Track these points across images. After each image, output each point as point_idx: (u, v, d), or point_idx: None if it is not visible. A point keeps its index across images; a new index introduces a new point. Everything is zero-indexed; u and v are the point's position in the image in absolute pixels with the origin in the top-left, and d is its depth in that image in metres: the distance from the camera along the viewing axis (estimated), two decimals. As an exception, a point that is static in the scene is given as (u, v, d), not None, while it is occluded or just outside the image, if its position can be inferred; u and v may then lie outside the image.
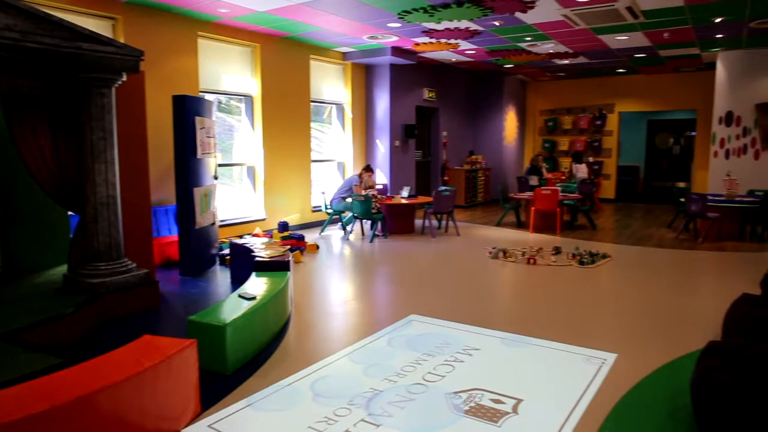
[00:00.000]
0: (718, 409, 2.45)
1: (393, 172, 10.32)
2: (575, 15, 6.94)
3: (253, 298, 3.78)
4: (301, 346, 3.83)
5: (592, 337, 3.96)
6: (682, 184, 14.36)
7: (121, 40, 5.66)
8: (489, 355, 3.58)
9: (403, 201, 8.39)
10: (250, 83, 8.00)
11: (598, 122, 13.11)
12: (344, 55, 9.66)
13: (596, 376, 3.26)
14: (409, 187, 8.81)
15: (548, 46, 9.08)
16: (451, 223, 8.69)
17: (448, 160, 12.10)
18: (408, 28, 7.71)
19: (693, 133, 13.28)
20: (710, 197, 8.17)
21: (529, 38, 8.43)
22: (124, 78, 4.39)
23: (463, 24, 7.46)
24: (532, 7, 6.60)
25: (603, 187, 12.98)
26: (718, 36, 8.30)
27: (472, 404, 2.89)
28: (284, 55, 8.40)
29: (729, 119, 9.93)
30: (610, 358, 3.54)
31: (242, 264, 5.26)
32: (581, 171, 11.18)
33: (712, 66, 10.64)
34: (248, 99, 8.04)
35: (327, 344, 3.86)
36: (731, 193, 8.35)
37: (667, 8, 6.65)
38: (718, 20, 7.26)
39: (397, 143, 10.37)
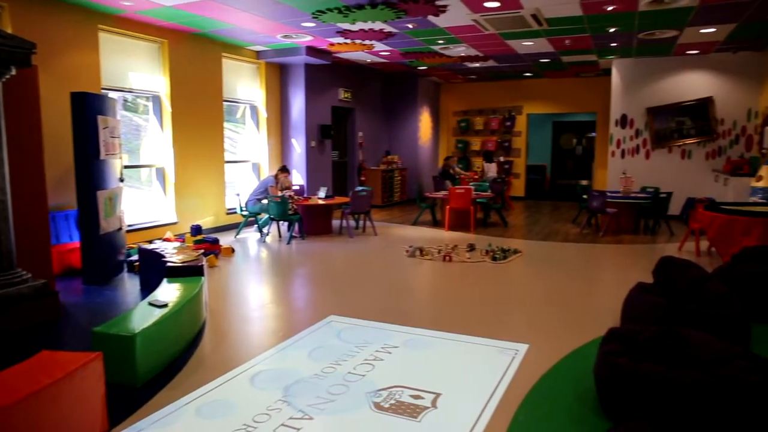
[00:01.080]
0: (618, 390, 2.63)
1: (309, 173, 10.24)
2: (484, 20, 7.20)
3: (165, 306, 3.61)
4: (216, 354, 3.71)
5: (505, 330, 4.13)
6: (584, 182, 15.30)
7: (9, 31, 5.22)
8: (408, 352, 3.64)
9: (320, 202, 8.34)
10: (158, 81, 7.64)
11: (508, 123, 13.69)
12: (258, 54, 9.46)
13: (510, 366, 3.40)
14: (325, 188, 8.78)
15: (460, 50, 9.37)
16: (368, 222, 8.75)
17: (365, 160, 12.18)
18: (322, 28, 7.68)
19: (593, 134, 14.18)
20: (609, 194, 8.76)
21: (441, 41, 8.66)
22: (13, 72, 4.05)
23: (378, 25, 7.54)
24: (444, 11, 6.78)
25: (513, 186, 13.57)
26: (612, 45, 8.91)
27: (393, 401, 2.92)
28: (194, 52, 8.10)
29: (624, 122, 10.70)
30: (522, 348, 3.70)
31: (152, 270, 5.01)
32: (492, 170, 11.61)
33: (608, 72, 11.42)
34: (156, 97, 7.68)
35: (244, 350, 3.77)
36: (627, 190, 8.99)
37: (568, 17, 7.06)
38: (612, 30, 7.80)
39: (313, 144, 10.30)
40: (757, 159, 9.12)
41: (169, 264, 4.58)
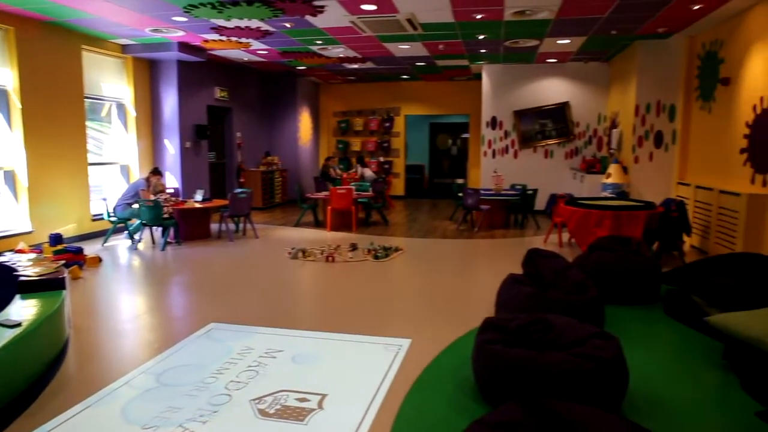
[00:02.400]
0: (494, 376, 2.80)
1: (185, 175, 9.75)
2: (362, 22, 7.31)
3: (18, 325, 3.25)
4: (82, 374, 3.40)
5: (388, 326, 4.22)
6: (460, 181, 16.07)
7: None
8: (293, 355, 3.59)
9: (197, 205, 7.98)
10: (4, 73, 6.84)
11: (387, 124, 14.01)
12: (123, 48, 8.82)
13: (394, 362, 3.48)
14: (203, 190, 8.41)
15: (338, 51, 9.42)
16: (248, 225, 8.52)
17: (244, 161, 11.84)
18: (195, 24, 7.34)
19: (467, 135, 14.95)
20: (482, 192, 9.29)
21: (320, 41, 8.65)
22: None
23: (254, 23, 7.35)
24: (321, 12, 6.78)
25: (393, 185, 13.91)
26: (482, 51, 9.46)
27: (278, 406, 2.87)
28: (49, 42, 7.36)
29: (494, 123, 11.40)
30: (405, 343, 3.81)
31: (2, 286, 4.47)
32: (367, 173, 11.80)
33: (479, 76, 12.10)
34: (2, 92, 6.87)
35: (115, 367, 3.49)
36: (498, 188, 9.60)
37: (441, 23, 7.37)
38: (481, 37, 8.28)
39: (188, 144, 9.81)
40: (606, 158, 10.16)
41: (22, 278, 4.12)
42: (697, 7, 6.49)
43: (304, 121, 13.33)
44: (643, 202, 7.09)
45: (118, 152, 9.10)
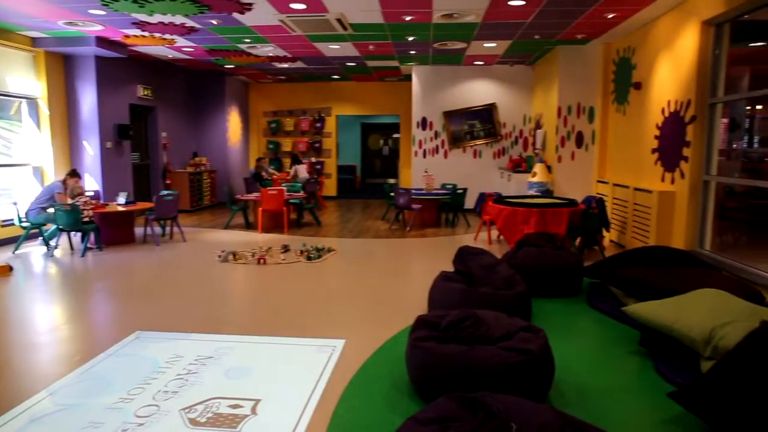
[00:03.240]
0: (427, 372, 2.84)
1: (106, 177, 9.28)
2: (291, 21, 7.22)
3: None
4: (-7, 389, 3.16)
5: (322, 328, 4.20)
6: (391, 181, 16.20)
7: None
8: (224, 361, 3.50)
9: (120, 208, 7.61)
10: None
11: (318, 125, 13.92)
12: (34, 41, 8.27)
13: (328, 363, 3.47)
14: (126, 193, 8.03)
15: (268, 49, 9.27)
16: (176, 228, 8.22)
17: (170, 162, 11.41)
18: (115, 18, 7.00)
19: (398, 136, 15.10)
20: (414, 191, 9.42)
21: (248, 40, 8.47)
22: None
23: (179, 19, 7.10)
24: (249, 9, 6.64)
25: (325, 186, 13.84)
26: (412, 52, 9.59)
27: (210, 415, 2.79)
28: (-53, 35, 6.79)
29: (424, 124, 11.58)
30: (340, 344, 3.80)
31: None
32: (302, 171, 11.71)
33: (409, 77, 12.25)
34: None
35: (28, 384, 3.27)
36: (429, 187, 9.76)
37: (370, 24, 7.41)
38: (410, 38, 8.39)
39: (109, 145, 9.35)
40: (531, 158, 10.55)
41: None
42: (611, 16, 6.86)
43: (234, 121, 13.02)
44: (566, 200, 7.42)
45: (30, 153, 8.53)
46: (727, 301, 3.40)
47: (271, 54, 9.70)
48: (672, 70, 6.43)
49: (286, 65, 10.97)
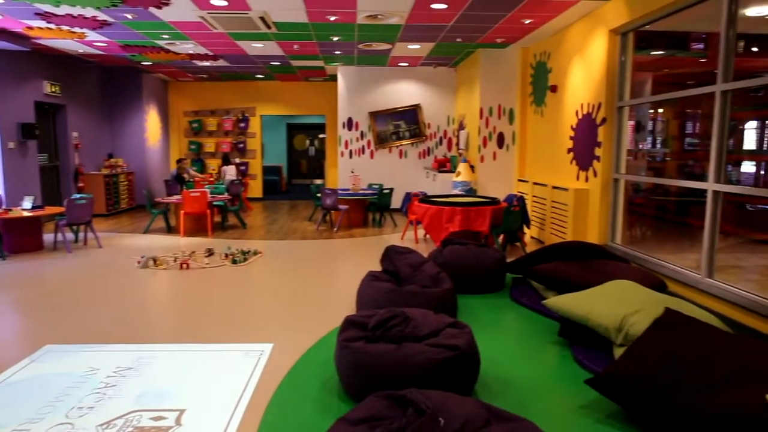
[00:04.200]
0: (357, 372, 2.85)
1: (9, 180, 8.62)
2: (212, 18, 7.01)
3: None
4: None
5: (249, 332, 4.11)
6: (318, 181, 16.12)
7: None
8: (145, 372, 3.35)
9: (26, 213, 7.09)
10: None
11: (242, 125, 13.60)
12: None
13: (256, 368, 3.40)
14: (32, 197, 7.49)
15: (188, 47, 8.95)
16: (90, 234, 7.77)
17: (83, 164, 10.77)
18: (15, 7, 6.51)
19: (324, 136, 15.02)
20: (341, 191, 9.40)
21: (166, 36, 8.14)
22: None
23: (89, 12, 6.71)
24: (167, 4, 6.38)
25: (250, 187, 13.55)
26: (337, 52, 9.56)
27: (130, 429, 2.65)
28: None
29: (350, 124, 11.59)
30: (267, 348, 3.74)
31: None
32: (230, 173, 11.42)
33: (334, 78, 12.22)
34: None
35: None
36: (356, 187, 9.78)
37: (295, 23, 7.32)
38: (335, 39, 8.37)
39: (11, 145, 8.69)
40: (455, 158, 10.82)
41: None
42: (528, 22, 7.16)
43: (152, 121, 12.47)
44: (489, 199, 7.66)
45: None
46: (636, 291, 3.63)
47: (191, 51, 9.37)
48: (584, 74, 6.80)
49: (207, 63, 10.64)
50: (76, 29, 7.66)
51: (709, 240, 4.64)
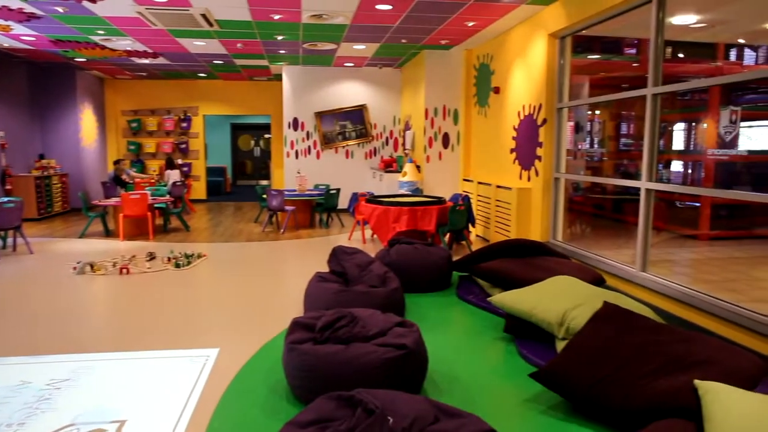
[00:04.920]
0: (305, 374, 2.82)
1: (-72, 182, 8.06)
2: (151, 14, 6.78)
3: None
4: None
5: (194, 337, 4.00)
6: (264, 182, 15.87)
7: None
8: (83, 383, 3.20)
9: (-52, 218, 6.65)
10: None
11: (184, 124, 13.23)
12: None
13: (201, 374, 3.31)
14: (-45, 200, 7.03)
15: (125, 43, 8.62)
16: (20, 239, 7.36)
17: (10, 165, 10.18)
18: (-67, 0, 6.10)
19: (269, 136, 14.81)
20: (287, 192, 9.30)
21: (101, 32, 7.82)
22: None
23: (15, 3, 6.36)
24: (101, -1, 6.13)
25: (194, 189, 13.20)
26: (281, 52, 9.45)
27: (65, 442, 2.53)
28: None
29: (295, 124, 11.48)
30: (213, 353, 3.65)
31: None
32: (173, 176, 11.09)
33: (279, 77, 12.07)
34: None
35: None
36: (302, 188, 9.69)
37: (238, 21, 7.18)
38: (280, 38, 8.26)
39: (-69, 145, 8.12)
40: (401, 158, 10.90)
41: None
42: (471, 24, 7.29)
43: (88, 120, 11.94)
44: (435, 198, 7.76)
45: None
46: (577, 286, 3.76)
47: (129, 48, 9.03)
48: (525, 76, 6.99)
49: (146, 61, 10.29)
50: (1, 21, 7.24)
51: (643, 236, 4.87)
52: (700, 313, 4.04)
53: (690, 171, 8.58)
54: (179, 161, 13.02)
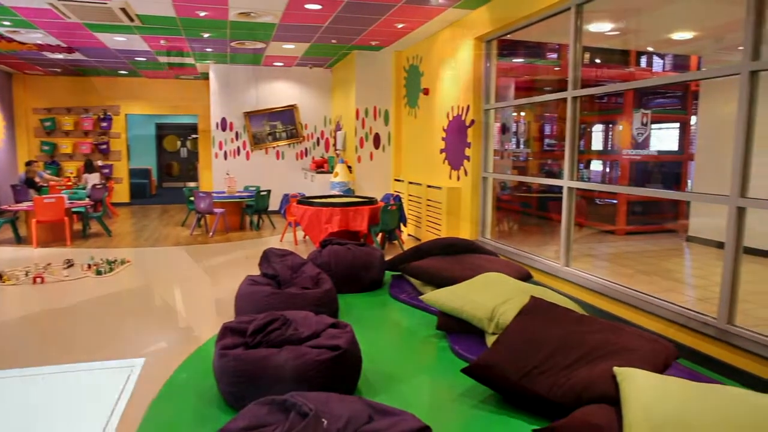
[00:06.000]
0: (236, 380, 2.75)
1: None
2: (64, 6, 6.40)
3: None
4: None
5: (117, 348, 3.81)
6: (192, 184, 15.37)
7: None
8: (-8, 400, 2.98)
9: None
10: None
11: (104, 124, 12.58)
12: None
13: (126, 385, 3.16)
14: None
15: (36, 36, 8.09)
16: None
17: None
18: None
19: (197, 137, 14.36)
20: (215, 194, 9.05)
21: (8, 23, 7.29)
22: None
23: None
24: (8, -11, 5.73)
25: (116, 191, 12.57)
26: (208, 50, 9.18)
27: (-27, 466, 2.35)
28: None
29: (224, 125, 11.19)
30: (139, 363, 3.49)
31: None
32: (93, 179, 10.53)
33: (207, 76, 11.71)
34: None
35: None
36: (231, 190, 9.46)
37: (161, 16, 6.90)
38: (206, 35, 8.02)
39: None
40: (333, 158, 10.86)
41: None
42: (400, 26, 7.38)
43: (-6, 118, 11.12)
44: (366, 198, 7.78)
45: None
46: (505, 282, 3.89)
47: (40, 42, 8.48)
48: (454, 78, 7.15)
49: (60, 56, 9.70)
50: None
51: (566, 232, 5.09)
52: (619, 303, 4.28)
53: (608, 170, 9.07)
54: (99, 163, 12.37)
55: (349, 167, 9.57)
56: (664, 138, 8.71)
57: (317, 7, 6.45)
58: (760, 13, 3.28)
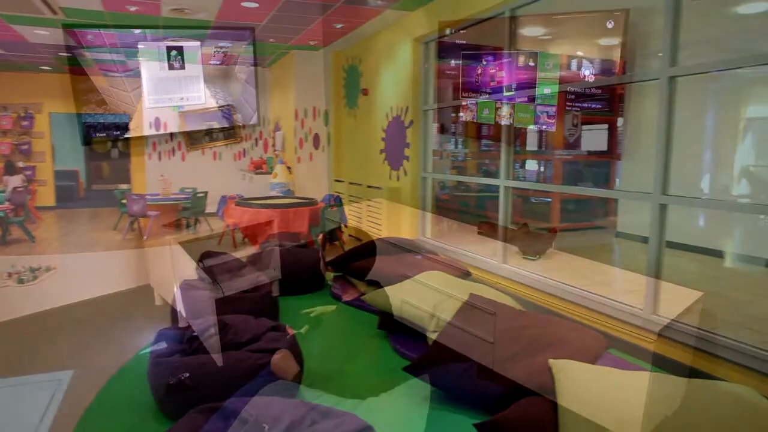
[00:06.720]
0: (172, 389, 2.66)
1: None
2: (-22, -3, 6.00)
3: None
4: None
5: (41, 361, 3.61)
6: (124, 186, 14.73)
7: None
8: None
9: None
10: None
11: (25, 123, 11.87)
12: None
13: (52, 401, 2.99)
14: None
15: (-54, 29, 7.54)
16: None
17: None
18: None
19: (129, 137, 13.77)
20: (149, 197, 8.73)
21: None
22: None
23: None
24: None
25: (40, 194, 11.88)
26: (140, 46, 8.83)
27: None
28: None
29: (157, 124, 10.79)
30: (66, 376, 3.31)
31: None
32: (14, 181, 9.92)
33: (138, 73, 11.25)
34: None
35: None
36: (166, 192, 9.16)
37: (86, 10, 6.58)
38: (137, 31, 7.72)
39: None
40: (272, 159, 10.71)
41: None
42: (339, 26, 7.36)
43: None
44: (306, 199, 7.72)
45: None
46: (445, 280, 3.95)
47: (-49, 35, 7.92)
48: (393, 79, 7.19)
49: (-26, 50, 9.08)
50: None
51: (503, 230, 5.23)
52: (554, 298, 4.44)
53: (542, 169, 9.39)
54: (21, 164, 11.66)
55: (289, 168, 9.46)
56: (594, 139, 9.10)
57: (254, 5, 6.34)
58: (676, 24, 3.49)
